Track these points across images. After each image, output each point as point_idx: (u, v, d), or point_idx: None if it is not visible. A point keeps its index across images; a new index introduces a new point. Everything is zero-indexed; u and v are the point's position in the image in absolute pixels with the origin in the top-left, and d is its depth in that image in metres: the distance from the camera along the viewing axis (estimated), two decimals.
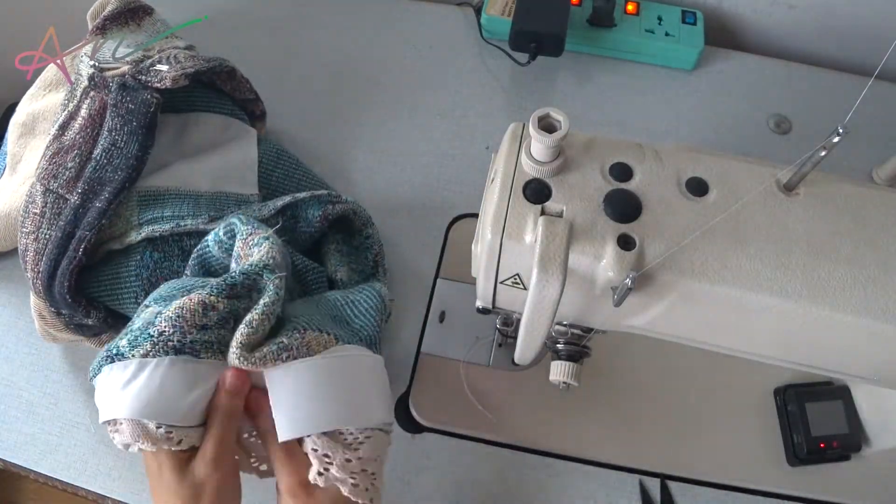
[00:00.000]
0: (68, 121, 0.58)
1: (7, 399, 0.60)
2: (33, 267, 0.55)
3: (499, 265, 0.42)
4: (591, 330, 0.48)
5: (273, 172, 0.65)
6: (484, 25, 0.82)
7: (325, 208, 0.60)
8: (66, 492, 0.59)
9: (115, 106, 0.56)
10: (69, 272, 0.52)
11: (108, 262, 0.55)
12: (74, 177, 0.56)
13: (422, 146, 0.74)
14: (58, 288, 0.53)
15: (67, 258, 0.53)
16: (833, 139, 0.36)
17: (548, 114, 0.39)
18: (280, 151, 0.67)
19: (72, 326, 0.57)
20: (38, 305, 0.57)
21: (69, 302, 0.53)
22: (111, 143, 0.56)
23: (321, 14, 0.85)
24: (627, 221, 0.40)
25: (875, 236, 0.40)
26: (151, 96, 0.57)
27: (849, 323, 0.38)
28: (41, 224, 0.55)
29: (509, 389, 0.60)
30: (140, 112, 0.56)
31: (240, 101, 0.67)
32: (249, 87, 0.66)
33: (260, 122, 0.70)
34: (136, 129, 0.56)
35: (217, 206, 0.59)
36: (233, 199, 0.61)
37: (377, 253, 0.63)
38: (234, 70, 0.64)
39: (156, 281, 0.54)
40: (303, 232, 0.60)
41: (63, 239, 0.53)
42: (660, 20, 0.80)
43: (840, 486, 0.56)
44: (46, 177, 0.56)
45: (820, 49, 0.84)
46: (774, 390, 0.60)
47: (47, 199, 0.56)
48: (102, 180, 0.55)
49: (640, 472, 0.57)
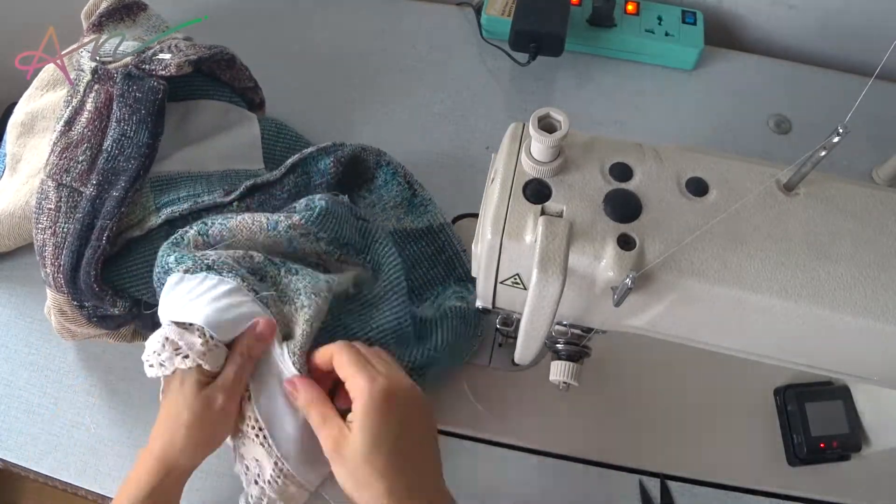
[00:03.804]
0: (74, 116, 0.59)
1: (7, 399, 0.60)
2: (53, 262, 0.55)
3: (499, 265, 0.42)
4: (591, 330, 0.48)
5: (275, 147, 0.67)
6: (484, 25, 0.82)
7: (335, 154, 0.62)
8: (66, 492, 0.59)
9: (121, 96, 0.57)
10: (94, 261, 0.53)
11: (130, 250, 0.56)
12: (87, 169, 0.57)
13: (422, 146, 0.74)
14: (83, 278, 0.53)
15: (91, 248, 0.53)
16: (833, 139, 0.36)
17: (548, 114, 0.39)
18: (280, 126, 0.69)
19: (94, 320, 0.57)
20: (58, 301, 0.57)
21: (96, 291, 0.53)
22: (121, 133, 0.57)
23: (321, 14, 0.85)
24: (627, 221, 0.40)
25: (875, 236, 0.40)
26: (158, 83, 0.57)
27: (849, 323, 0.38)
28: (57, 218, 0.56)
29: (509, 389, 0.60)
30: (148, 100, 0.57)
31: (239, 90, 0.68)
32: (248, 74, 0.67)
33: (259, 110, 0.71)
34: (144, 117, 0.57)
35: (229, 182, 0.60)
36: (243, 174, 0.62)
37: (404, 173, 0.65)
38: (233, 58, 0.64)
39: None
40: (318, 185, 0.61)
41: (83, 230, 0.54)
42: (660, 20, 0.80)
43: (840, 486, 0.56)
44: (58, 172, 0.56)
45: (820, 49, 0.84)
46: (774, 390, 0.60)
47: (61, 194, 0.56)
48: (116, 170, 0.56)
49: (639, 472, 0.57)
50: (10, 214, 0.62)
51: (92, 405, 0.60)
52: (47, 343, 0.62)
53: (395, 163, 0.65)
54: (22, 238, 0.64)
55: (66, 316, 0.57)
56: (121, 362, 0.61)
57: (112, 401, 0.60)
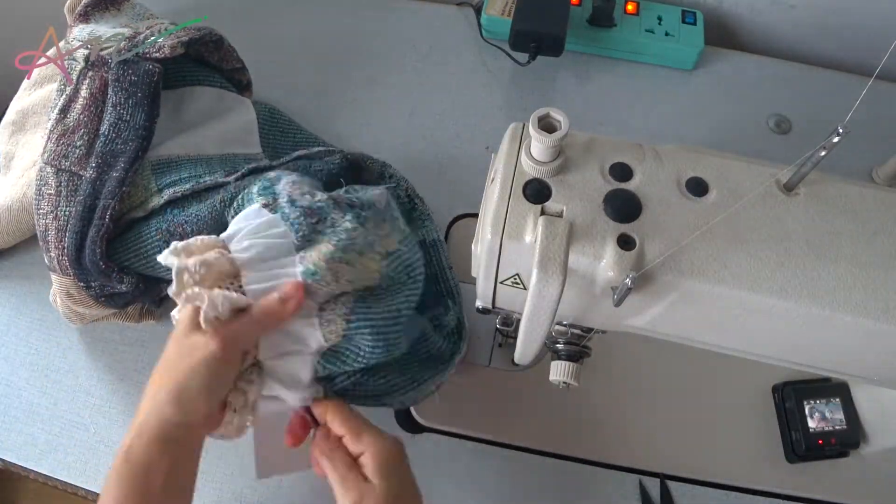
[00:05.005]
0: (68, 104, 0.59)
1: (7, 399, 0.60)
2: (57, 244, 0.56)
3: (499, 265, 0.42)
4: (591, 330, 0.48)
5: (270, 132, 0.68)
6: (484, 25, 0.82)
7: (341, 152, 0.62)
8: (66, 492, 0.59)
9: (116, 81, 0.57)
10: (99, 239, 0.54)
11: (133, 229, 0.57)
12: (85, 154, 0.57)
13: (422, 146, 0.74)
14: (89, 256, 0.54)
15: (95, 227, 0.54)
16: (833, 139, 0.36)
17: (548, 114, 0.39)
18: (273, 111, 0.70)
19: (102, 299, 0.58)
20: (65, 284, 0.57)
21: (102, 269, 0.54)
22: (117, 117, 0.57)
23: (321, 13, 0.85)
24: (627, 221, 0.40)
25: (875, 236, 0.40)
26: (153, 66, 0.58)
27: (849, 323, 0.38)
28: (58, 203, 0.56)
29: (509, 389, 0.60)
30: (144, 83, 0.57)
31: (227, 72, 0.68)
32: (236, 55, 0.67)
33: (247, 91, 0.71)
34: (141, 100, 0.57)
35: (229, 165, 0.61)
36: (241, 158, 0.63)
37: (406, 187, 0.64)
38: (221, 39, 0.65)
39: (174, 230, 0.55)
40: (318, 170, 0.60)
41: (85, 211, 0.55)
42: (660, 20, 0.80)
43: (838, 483, 0.56)
44: (56, 158, 0.57)
45: (820, 49, 0.84)
46: (773, 387, 0.60)
47: (61, 179, 0.57)
48: (115, 152, 0.57)
49: (639, 472, 0.57)
50: (8, 209, 0.62)
51: (92, 405, 0.60)
52: (47, 343, 0.62)
53: (399, 176, 0.65)
54: (21, 232, 0.64)
55: (73, 298, 0.58)
56: (121, 362, 0.61)
57: (112, 401, 0.60)
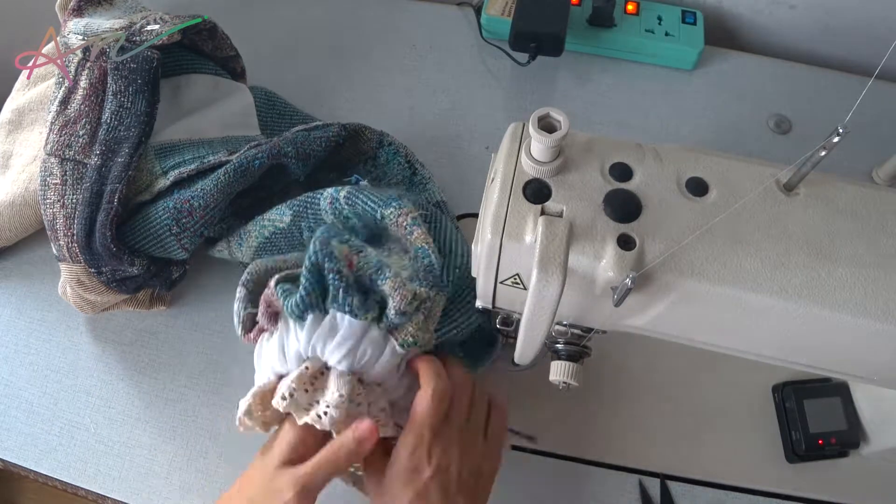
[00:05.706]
0: (68, 95, 0.59)
1: (7, 399, 0.60)
2: (66, 232, 0.56)
3: (499, 265, 0.42)
4: (591, 330, 0.48)
5: (268, 114, 0.70)
6: (484, 25, 0.82)
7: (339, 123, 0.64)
8: (66, 492, 0.59)
9: (116, 69, 0.58)
10: (109, 223, 0.54)
11: (141, 212, 0.57)
12: (88, 142, 0.58)
13: (422, 145, 0.74)
14: (99, 240, 0.54)
15: (104, 211, 0.55)
16: (833, 139, 0.36)
17: (548, 114, 0.39)
18: (269, 94, 0.71)
19: (113, 284, 0.58)
20: (75, 272, 0.57)
21: (113, 252, 0.55)
22: (118, 105, 0.58)
23: (321, 12, 0.85)
24: (627, 221, 0.40)
25: (875, 236, 0.40)
26: (151, 53, 0.58)
27: (849, 323, 0.38)
28: (65, 192, 0.57)
29: (509, 389, 0.60)
30: (143, 69, 0.58)
31: (221, 60, 0.69)
32: (230, 43, 0.68)
33: (241, 78, 0.72)
34: (141, 86, 0.58)
35: (231, 146, 0.62)
36: (242, 140, 0.64)
37: (406, 154, 0.67)
38: (215, 27, 0.65)
39: (181, 206, 0.56)
40: (317, 137, 0.62)
41: (92, 197, 0.56)
42: (660, 20, 0.80)
43: (838, 483, 0.56)
44: (59, 148, 0.57)
45: (820, 49, 0.84)
46: (773, 387, 0.60)
47: (66, 168, 0.57)
48: (118, 139, 0.57)
49: (639, 472, 0.57)
50: (10, 204, 0.63)
51: (92, 405, 0.60)
52: (47, 343, 0.62)
53: (397, 143, 0.68)
54: (24, 228, 0.64)
55: (84, 286, 0.58)
56: (121, 362, 0.62)
57: (112, 401, 0.60)
